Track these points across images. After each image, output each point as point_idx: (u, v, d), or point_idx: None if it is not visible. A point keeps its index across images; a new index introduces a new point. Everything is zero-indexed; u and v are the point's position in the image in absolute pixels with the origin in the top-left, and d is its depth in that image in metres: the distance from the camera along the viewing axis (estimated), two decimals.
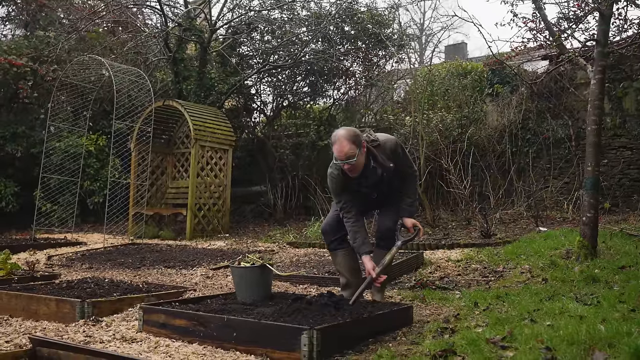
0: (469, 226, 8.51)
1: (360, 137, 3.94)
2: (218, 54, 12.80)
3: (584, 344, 2.79)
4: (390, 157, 4.08)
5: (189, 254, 7.65)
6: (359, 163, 3.95)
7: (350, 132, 3.93)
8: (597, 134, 5.42)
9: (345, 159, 3.89)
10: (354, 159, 3.88)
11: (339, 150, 3.91)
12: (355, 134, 3.93)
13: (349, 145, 3.87)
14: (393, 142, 4.16)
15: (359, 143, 3.90)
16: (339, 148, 3.90)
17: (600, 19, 5.55)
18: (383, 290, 4.44)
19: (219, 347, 3.28)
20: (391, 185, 4.25)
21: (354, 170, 3.97)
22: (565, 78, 10.10)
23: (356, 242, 4.14)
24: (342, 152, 3.89)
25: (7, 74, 10.91)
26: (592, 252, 5.24)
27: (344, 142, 3.88)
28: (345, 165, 3.93)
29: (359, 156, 3.91)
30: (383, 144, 4.08)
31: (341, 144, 3.89)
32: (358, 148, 3.89)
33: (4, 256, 5.64)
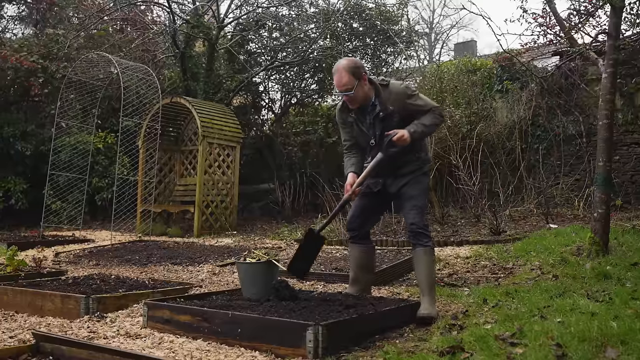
0: (478, 223, 8.43)
1: (360, 69, 3.86)
2: (226, 51, 12.78)
3: (595, 340, 2.74)
4: (394, 100, 3.90)
5: (195, 251, 7.63)
6: (357, 95, 3.86)
7: (351, 63, 3.87)
8: (609, 128, 5.33)
9: (343, 90, 3.84)
10: (352, 91, 3.81)
11: (337, 81, 3.86)
12: (356, 65, 3.86)
13: (347, 76, 3.80)
14: (401, 86, 3.99)
15: (358, 75, 3.82)
16: (337, 79, 3.85)
17: (612, 11, 5.46)
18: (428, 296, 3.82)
19: (223, 343, 3.24)
20: None
21: (352, 102, 3.90)
22: (576, 74, 9.99)
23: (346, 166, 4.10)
24: (339, 83, 3.84)
25: (18, 71, 10.94)
26: (603, 249, 5.16)
27: (343, 73, 3.82)
28: (344, 96, 3.88)
29: (358, 88, 3.83)
30: (391, 86, 3.95)
31: (340, 75, 3.84)
32: (357, 80, 3.81)
33: (11, 253, 5.65)
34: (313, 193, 11.52)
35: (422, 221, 3.94)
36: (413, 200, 3.97)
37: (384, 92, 3.92)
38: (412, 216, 3.95)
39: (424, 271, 3.88)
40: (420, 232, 3.90)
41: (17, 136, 11.19)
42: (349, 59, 3.95)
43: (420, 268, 3.91)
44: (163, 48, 12.98)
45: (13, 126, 11.23)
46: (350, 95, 3.84)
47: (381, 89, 3.92)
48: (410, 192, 3.98)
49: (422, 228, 3.92)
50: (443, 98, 10.96)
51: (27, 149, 11.16)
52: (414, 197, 3.98)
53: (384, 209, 4.50)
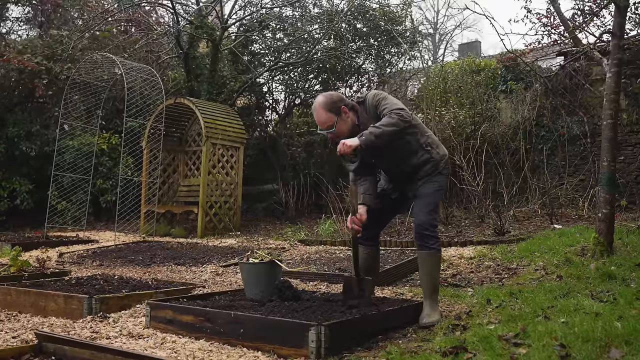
0: (482, 224, 8.41)
1: (338, 103, 3.76)
2: (230, 52, 12.78)
3: (599, 341, 2.72)
4: (374, 112, 3.77)
5: (199, 251, 7.63)
6: (340, 130, 3.77)
7: (328, 99, 3.77)
8: (613, 128, 5.31)
9: (325, 129, 3.78)
10: (333, 128, 3.75)
11: (317, 120, 3.80)
12: (332, 100, 3.77)
13: (325, 114, 3.74)
14: (373, 94, 3.84)
15: (336, 110, 3.74)
16: (317, 118, 3.80)
17: (616, 10, 5.44)
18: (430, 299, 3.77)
19: (225, 344, 3.23)
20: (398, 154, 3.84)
21: (336, 137, 3.79)
22: (581, 74, 9.95)
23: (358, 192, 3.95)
24: (319, 122, 3.79)
25: (22, 73, 10.97)
26: (608, 249, 5.13)
27: (320, 112, 3.76)
28: (328, 134, 3.81)
29: (340, 123, 3.75)
30: (366, 100, 3.83)
31: (318, 114, 3.78)
32: (337, 115, 3.73)
33: (15, 253, 5.66)
34: (317, 194, 11.51)
35: (429, 222, 3.79)
36: (422, 199, 3.85)
37: (363, 110, 3.84)
38: (419, 216, 3.81)
39: (427, 275, 3.78)
40: (427, 234, 3.76)
41: (21, 137, 11.22)
42: (325, 95, 3.84)
43: (423, 271, 3.81)
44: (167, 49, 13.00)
45: (18, 127, 11.26)
46: (332, 132, 3.76)
47: (360, 108, 3.84)
48: (422, 191, 3.86)
49: (429, 229, 3.77)
50: (447, 98, 10.94)
51: (31, 150, 11.19)
52: (424, 196, 3.85)
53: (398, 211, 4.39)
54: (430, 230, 3.79)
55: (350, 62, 12.57)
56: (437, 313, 3.66)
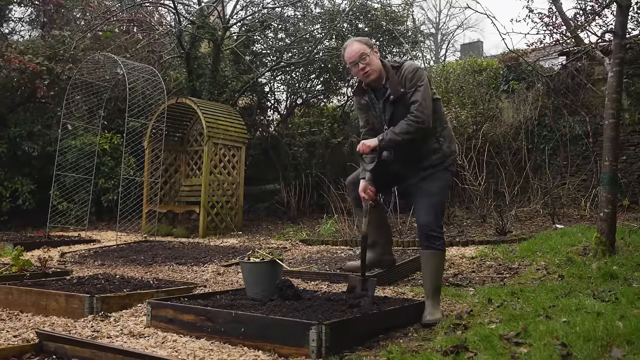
0: (484, 223, 8.40)
1: (370, 42, 3.86)
2: (231, 52, 12.79)
3: (601, 340, 2.71)
4: (402, 82, 3.73)
5: (200, 251, 7.64)
6: (372, 63, 3.76)
7: (361, 38, 3.88)
8: (615, 127, 5.30)
9: (358, 57, 3.74)
10: (367, 56, 3.74)
11: (349, 51, 3.79)
12: (366, 39, 3.87)
13: (359, 45, 3.77)
14: (411, 67, 3.75)
15: (369, 44, 3.81)
16: (349, 51, 3.79)
17: (618, 10, 5.43)
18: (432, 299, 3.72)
19: (226, 343, 3.23)
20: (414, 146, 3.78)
21: (367, 74, 3.76)
22: (583, 74, 9.94)
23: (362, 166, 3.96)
24: (352, 52, 3.77)
25: (23, 73, 10.99)
26: (610, 249, 5.12)
27: (354, 44, 3.80)
28: (360, 66, 3.74)
29: (372, 56, 3.77)
30: (403, 67, 3.78)
31: (351, 46, 3.81)
32: (369, 48, 3.78)
33: (16, 252, 5.66)
34: (318, 193, 11.52)
35: (435, 222, 3.73)
36: (428, 197, 3.75)
37: (396, 74, 3.76)
38: (425, 215, 3.73)
39: (430, 274, 3.74)
40: (434, 234, 3.71)
41: (23, 137, 11.24)
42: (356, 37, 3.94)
43: (427, 271, 3.77)
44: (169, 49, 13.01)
45: (20, 127, 11.28)
46: (366, 62, 3.73)
47: (392, 71, 3.78)
48: (427, 188, 3.77)
49: (435, 230, 3.72)
50: (449, 98, 10.94)
51: (34, 150, 11.21)
52: (430, 194, 3.75)
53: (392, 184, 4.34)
54: (437, 230, 3.75)
55: None
56: (439, 312, 3.65)
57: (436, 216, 3.76)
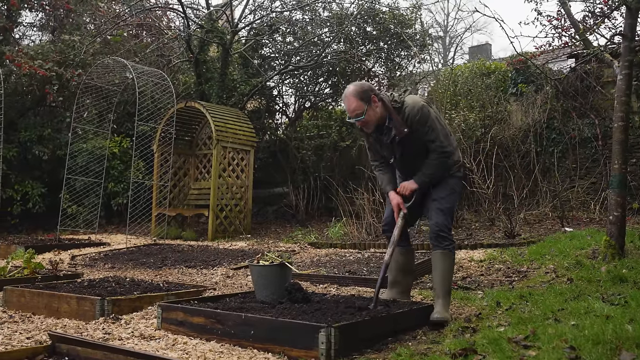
0: (492, 226, 8.39)
1: (369, 92, 3.82)
2: (240, 56, 12.84)
3: (610, 343, 2.71)
4: (407, 122, 3.84)
5: (210, 254, 7.67)
6: (369, 119, 3.84)
7: (358, 88, 3.84)
8: (624, 130, 5.29)
9: (353, 117, 3.83)
10: (362, 116, 3.80)
11: (347, 108, 3.87)
12: (363, 89, 3.83)
13: (355, 102, 3.79)
14: (413, 109, 3.83)
15: (367, 99, 3.80)
16: (347, 105, 3.86)
17: (628, 12, 5.42)
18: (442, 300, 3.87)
19: (236, 345, 3.26)
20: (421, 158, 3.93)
21: (365, 126, 3.89)
22: (592, 76, 9.91)
23: (382, 184, 4.12)
24: (349, 109, 3.84)
25: (33, 78, 11.08)
26: (619, 252, 5.11)
27: (351, 99, 3.82)
28: (356, 123, 3.89)
29: (369, 112, 3.81)
30: (404, 108, 3.85)
31: (348, 101, 3.84)
32: (367, 104, 3.79)
33: (28, 255, 5.72)
34: (327, 197, 11.54)
35: (445, 223, 3.88)
36: (438, 202, 3.92)
37: (399, 113, 3.85)
38: (435, 217, 3.90)
39: (441, 275, 3.83)
40: (442, 234, 3.85)
41: (34, 141, 11.33)
42: (355, 84, 3.91)
43: (437, 271, 3.86)
44: (177, 53, 13.08)
45: (30, 131, 11.38)
46: (362, 119, 3.82)
47: (394, 111, 3.85)
48: (437, 193, 3.94)
49: (445, 231, 3.87)
50: (457, 101, 10.94)
51: (44, 154, 11.30)
52: (440, 198, 3.93)
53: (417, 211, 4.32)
54: (446, 231, 3.88)
55: (360, 65, 12.58)
56: (448, 313, 3.70)
57: (446, 218, 3.90)
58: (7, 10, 12.34)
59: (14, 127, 11.55)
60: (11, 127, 11.44)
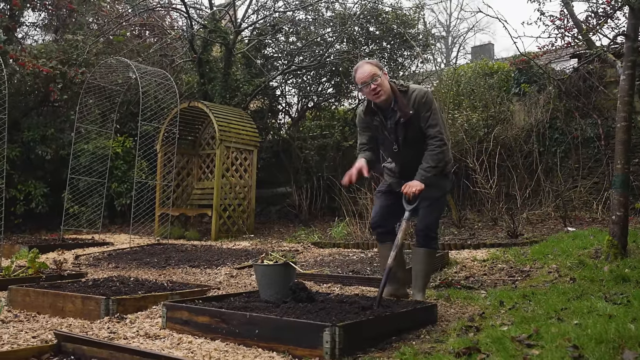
0: (495, 226, 8.40)
1: (381, 64, 3.98)
2: (243, 56, 12.86)
3: (612, 342, 2.72)
4: (413, 105, 3.93)
5: (213, 253, 7.69)
6: (383, 85, 3.89)
7: (371, 59, 4.02)
8: (627, 130, 5.30)
9: (370, 79, 3.87)
10: (378, 77, 3.86)
11: (361, 72, 3.91)
12: (376, 61, 3.99)
13: (370, 66, 3.89)
14: (420, 91, 3.96)
15: (380, 66, 3.93)
16: (361, 71, 3.91)
17: (630, 13, 5.43)
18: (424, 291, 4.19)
19: (241, 344, 3.27)
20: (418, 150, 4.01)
21: (378, 95, 3.90)
22: (595, 76, 9.92)
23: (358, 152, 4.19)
24: (364, 72, 3.89)
25: (37, 77, 11.11)
26: (622, 252, 5.12)
27: (366, 65, 3.92)
28: (371, 86, 3.88)
29: (383, 77, 3.89)
30: (411, 92, 3.96)
31: (362, 67, 3.93)
32: (380, 70, 3.90)
33: (32, 255, 5.74)
34: (330, 197, 11.56)
35: (434, 224, 4.06)
36: (428, 202, 4.02)
37: (404, 97, 3.94)
38: (425, 218, 4.06)
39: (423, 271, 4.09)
40: (432, 235, 4.06)
41: (37, 140, 11.37)
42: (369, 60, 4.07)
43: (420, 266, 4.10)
44: (181, 53, 13.10)
45: (33, 131, 11.42)
46: (377, 81, 3.87)
47: (400, 94, 3.94)
48: (427, 193, 3.96)
49: (434, 231, 4.06)
50: (460, 101, 10.94)
51: (47, 154, 11.33)
52: (430, 198, 4.02)
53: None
54: (434, 232, 4.14)
55: None
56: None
57: (435, 219, 4.12)
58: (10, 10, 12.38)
59: (17, 127, 11.58)
60: (14, 127, 11.48)
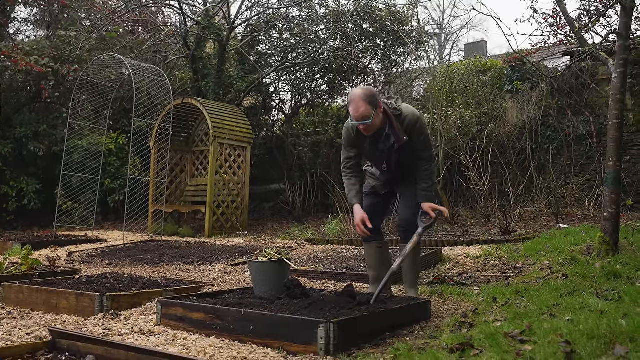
0: (488, 223, 8.44)
1: (376, 97, 3.88)
2: (237, 52, 12.85)
3: (604, 338, 2.75)
4: (407, 130, 3.98)
5: (207, 250, 7.70)
6: (374, 124, 3.89)
7: (367, 92, 3.87)
8: (619, 128, 5.33)
9: (360, 120, 3.85)
10: (369, 120, 3.84)
11: (354, 110, 3.86)
12: (372, 93, 3.87)
13: (364, 106, 3.82)
14: (414, 117, 4.02)
15: (375, 104, 3.85)
16: (355, 108, 3.86)
17: (622, 11, 5.46)
18: (416, 287, 4.33)
19: (235, 340, 3.28)
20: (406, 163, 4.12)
21: (368, 130, 3.92)
22: (587, 74, 9.97)
23: (350, 194, 4.17)
24: (357, 112, 3.85)
25: (28, 74, 11.05)
26: (613, 248, 5.15)
27: (360, 103, 3.83)
28: (361, 126, 3.90)
29: (375, 117, 3.86)
30: (403, 117, 3.99)
31: (357, 104, 3.84)
32: (374, 109, 3.84)
33: (25, 252, 5.72)
34: (323, 193, 11.57)
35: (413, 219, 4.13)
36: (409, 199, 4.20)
37: (397, 120, 3.97)
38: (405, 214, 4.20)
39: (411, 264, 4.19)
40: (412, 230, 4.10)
41: (29, 137, 11.31)
42: (364, 89, 3.94)
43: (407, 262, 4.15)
44: (174, 49, 13.07)
45: (25, 127, 11.36)
46: (367, 123, 3.86)
47: (394, 119, 3.96)
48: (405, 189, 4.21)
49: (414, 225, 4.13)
50: (453, 98, 10.98)
51: (39, 150, 11.28)
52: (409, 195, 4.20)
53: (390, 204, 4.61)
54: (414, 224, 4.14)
55: (356, 62, 12.61)
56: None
57: (413, 214, 4.16)
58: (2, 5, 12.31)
59: (9, 123, 11.53)
60: (6, 123, 11.43)
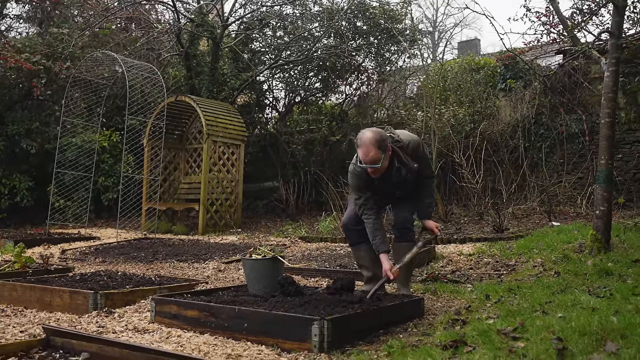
0: (481, 221, 8.48)
1: (386, 141, 3.87)
2: (230, 50, 12.83)
3: (595, 334, 2.77)
4: (413, 157, 4.08)
5: (201, 248, 7.69)
6: (383, 167, 3.93)
7: (377, 137, 3.84)
8: (611, 126, 5.37)
9: (370, 164, 3.86)
10: (379, 164, 3.85)
11: (364, 154, 3.85)
12: (382, 138, 3.85)
13: (374, 150, 3.81)
14: (416, 142, 4.16)
15: (384, 148, 3.84)
16: (364, 152, 3.85)
17: (615, 10, 5.49)
18: (408, 285, 4.38)
19: (230, 338, 3.29)
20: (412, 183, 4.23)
21: (376, 172, 3.94)
22: (579, 72, 10.01)
23: (375, 240, 4.09)
24: (367, 156, 3.84)
25: (20, 72, 10.99)
26: (605, 246, 5.19)
27: (370, 147, 3.82)
28: (369, 168, 3.91)
29: (384, 160, 3.88)
30: (406, 145, 4.06)
31: (367, 149, 3.83)
32: (383, 153, 3.84)
33: (18, 249, 5.72)
34: (317, 191, 11.58)
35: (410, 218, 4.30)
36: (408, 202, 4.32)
37: (402, 151, 4.03)
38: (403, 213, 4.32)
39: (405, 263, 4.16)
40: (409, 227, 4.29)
41: (21, 134, 11.25)
42: (373, 131, 3.89)
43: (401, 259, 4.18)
44: (168, 47, 13.04)
45: (17, 124, 11.30)
46: (377, 167, 3.87)
47: (401, 152, 4.01)
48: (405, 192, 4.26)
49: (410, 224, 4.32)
50: (446, 96, 11.00)
51: (32, 147, 11.23)
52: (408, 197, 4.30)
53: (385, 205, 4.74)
54: (411, 225, 4.35)
55: (350, 60, 12.62)
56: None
57: (411, 213, 4.35)
58: None
59: (1, 120, 11.48)
60: None
